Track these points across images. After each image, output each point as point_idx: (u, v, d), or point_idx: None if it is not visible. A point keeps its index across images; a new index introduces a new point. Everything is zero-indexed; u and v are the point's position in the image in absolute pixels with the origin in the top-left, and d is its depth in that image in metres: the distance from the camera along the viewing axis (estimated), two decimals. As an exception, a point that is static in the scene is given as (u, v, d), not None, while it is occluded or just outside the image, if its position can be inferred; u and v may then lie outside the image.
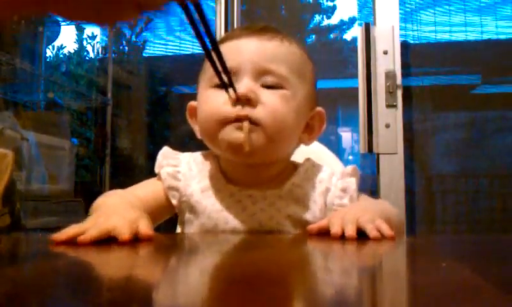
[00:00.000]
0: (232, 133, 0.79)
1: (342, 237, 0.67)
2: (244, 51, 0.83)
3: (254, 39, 0.84)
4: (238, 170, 0.86)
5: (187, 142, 0.97)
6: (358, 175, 0.89)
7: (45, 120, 2.72)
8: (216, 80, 0.81)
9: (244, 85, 0.79)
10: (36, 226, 2.29)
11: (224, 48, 0.82)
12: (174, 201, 0.89)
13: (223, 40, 0.86)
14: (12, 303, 0.33)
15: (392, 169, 2.10)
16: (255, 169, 0.85)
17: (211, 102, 0.82)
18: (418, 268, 0.52)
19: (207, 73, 0.85)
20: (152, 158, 0.92)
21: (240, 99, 0.78)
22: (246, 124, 0.78)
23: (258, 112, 0.79)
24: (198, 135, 0.89)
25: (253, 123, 0.79)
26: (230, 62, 0.80)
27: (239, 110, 0.78)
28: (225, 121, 0.79)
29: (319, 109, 0.90)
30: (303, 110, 0.86)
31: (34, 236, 1.12)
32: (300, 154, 0.92)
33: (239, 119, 0.78)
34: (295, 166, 0.90)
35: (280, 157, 0.87)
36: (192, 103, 0.92)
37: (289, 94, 0.82)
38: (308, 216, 0.84)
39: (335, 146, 2.93)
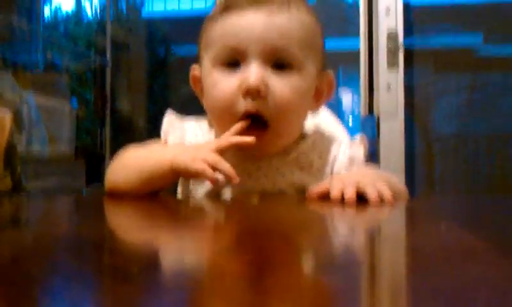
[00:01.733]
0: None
1: (343, 200, 0.67)
2: (251, 28, 0.77)
3: (261, 13, 0.77)
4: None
5: (187, 104, 0.95)
6: (366, 145, 0.88)
7: (44, 81, 2.70)
8: (222, 58, 0.79)
9: (255, 74, 0.75)
10: (37, 188, 2.30)
11: (228, 23, 0.79)
12: None
13: (225, 9, 0.80)
14: (13, 265, 0.33)
15: (392, 132, 2.10)
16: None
17: (219, 89, 0.78)
18: (418, 230, 0.52)
19: (212, 49, 0.80)
20: (152, 120, 0.91)
21: (250, 92, 0.75)
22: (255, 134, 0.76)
23: (268, 109, 0.76)
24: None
25: (261, 120, 0.76)
26: (236, 41, 0.77)
27: (249, 105, 0.75)
28: (236, 116, 0.77)
29: (328, 73, 0.87)
30: (313, 84, 0.83)
31: (36, 200, 1.13)
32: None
33: (248, 113, 0.76)
34: (302, 135, 0.88)
35: (291, 140, 0.85)
36: (195, 72, 0.88)
37: (300, 79, 0.78)
38: (312, 184, 0.81)
39: (335, 108, 2.92)
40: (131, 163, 0.82)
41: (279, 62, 0.77)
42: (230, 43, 0.78)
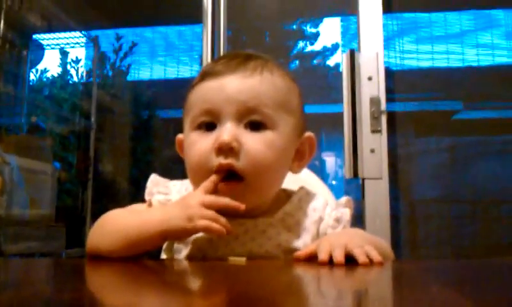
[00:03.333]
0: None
1: (331, 262, 0.66)
2: (225, 91, 0.80)
3: (235, 77, 0.80)
4: None
5: (170, 167, 0.95)
6: (352, 207, 0.88)
7: (27, 144, 2.69)
8: (198, 121, 0.81)
9: (227, 132, 0.77)
10: (16, 251, 2.25)
11: (205, 88, 0.82)
12: None
13: (205, 76, 0.83)
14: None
15: (377, 194, 2.10)
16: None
17: (195, 149, 0.81)
18: (407, 294, 0.51)
19: (191, 113, 0.83)
20: (135, 183, 0.90)
21: (223, 149, 0.77)
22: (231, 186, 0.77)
23: (241, 164, 0.77)
24: None
25: (236, 175, 0.77)
26: (211, 103, 0.80)
27: (222, 160, 0.77)
28: (209, 172, 0.78)
29: (309, 134, 0.88)
30: (291, 144, 0.84)
31: (14, 262, 1.10)
32: (289, 179, 0.90)
33: (221, 169, 0.77)
34: (288, 195, 0.88)
35: (270, 197, 0.85)
36: (180, 137, 0.90)
37: (274, 136, 0.80)
38: (299, 244, 0.81)
39: (319, 171, 2.93)
40: (115, 226, 0.80)
41: (253, 122, 0.79)
42: (205, 106, 0.81)
